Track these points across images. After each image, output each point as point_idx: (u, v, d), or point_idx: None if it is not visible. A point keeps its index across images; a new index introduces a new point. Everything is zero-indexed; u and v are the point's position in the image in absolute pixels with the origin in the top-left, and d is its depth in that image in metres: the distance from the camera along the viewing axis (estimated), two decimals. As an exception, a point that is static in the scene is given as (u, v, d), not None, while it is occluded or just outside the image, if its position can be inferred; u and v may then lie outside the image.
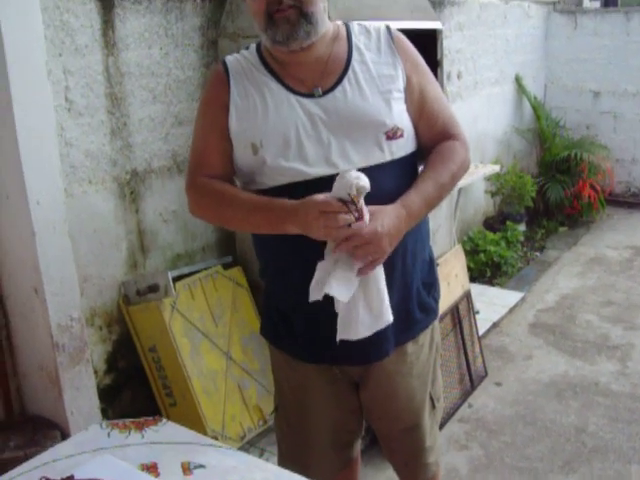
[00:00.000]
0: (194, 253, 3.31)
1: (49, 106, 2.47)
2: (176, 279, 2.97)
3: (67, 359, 2.59)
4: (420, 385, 1.97)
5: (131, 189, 2.99)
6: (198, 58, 3.20)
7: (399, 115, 1.77)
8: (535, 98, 6.75)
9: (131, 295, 2.95)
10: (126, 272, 3.02)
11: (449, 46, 5.11)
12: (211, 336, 3.02)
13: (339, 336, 1.69)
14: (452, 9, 5.20)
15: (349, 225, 1.56)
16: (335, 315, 1.70)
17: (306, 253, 1.69)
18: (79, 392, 2.65)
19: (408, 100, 1.79)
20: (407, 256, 1.81)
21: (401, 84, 1.79)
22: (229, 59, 1.84)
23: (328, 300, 1.66)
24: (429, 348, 2.00)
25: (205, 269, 3.18)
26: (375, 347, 1.82)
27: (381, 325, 1.71)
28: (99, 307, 2.93)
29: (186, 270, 3.09)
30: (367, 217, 1.58)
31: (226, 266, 3.30)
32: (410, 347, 1.92)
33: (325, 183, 1.64)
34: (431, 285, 1.97)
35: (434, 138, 1.85)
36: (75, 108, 2.74)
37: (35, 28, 2.41)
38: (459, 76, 5.39)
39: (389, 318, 1.71)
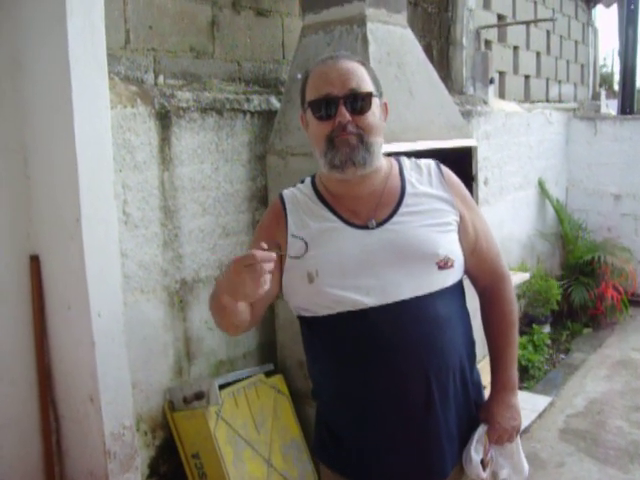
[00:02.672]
0: (236, 359, 3.38)
1: (113, 222, 2.57)
2: (220, 387, 3.01)
3: (117, 466, 2.62)
4: None
5: (180, 298, 3.09)
6: (245, 172, 3.36)
7: (450, 245, 1.83)
8: (557, 201, 6.89)
9: (177, 402, 3.01)
10: (172, 378, 3.09)
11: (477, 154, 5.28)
12: (253, 443, 3.04)
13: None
14: (479, 119, 5.40)
15: None
16: (385, 438, 1.80)
17: (361, 380, 1.78)
18: (127, 499, 2.67)
19: (462, 236, 1.87)
20: (468, 380, 1.89)
21: (453, 217, 1.86)
22: (286, 193, 1.93)
23: (380, 427, 1.79)
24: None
25: (248, 377, 3.23)
26: (423, 470, 1.84)
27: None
28: (145, 413, 2.99)
29: (231, 378, 3.13)
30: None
31: (267, 373, 3.35)
32: (457, 471, 1.92)
33: (380, 312, 1.73)
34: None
35: (482, 274, 1.98)
36: (131, 221, 2.86)
37: (105, 148, 2.53)
38: (486, 182, 5.54)
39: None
